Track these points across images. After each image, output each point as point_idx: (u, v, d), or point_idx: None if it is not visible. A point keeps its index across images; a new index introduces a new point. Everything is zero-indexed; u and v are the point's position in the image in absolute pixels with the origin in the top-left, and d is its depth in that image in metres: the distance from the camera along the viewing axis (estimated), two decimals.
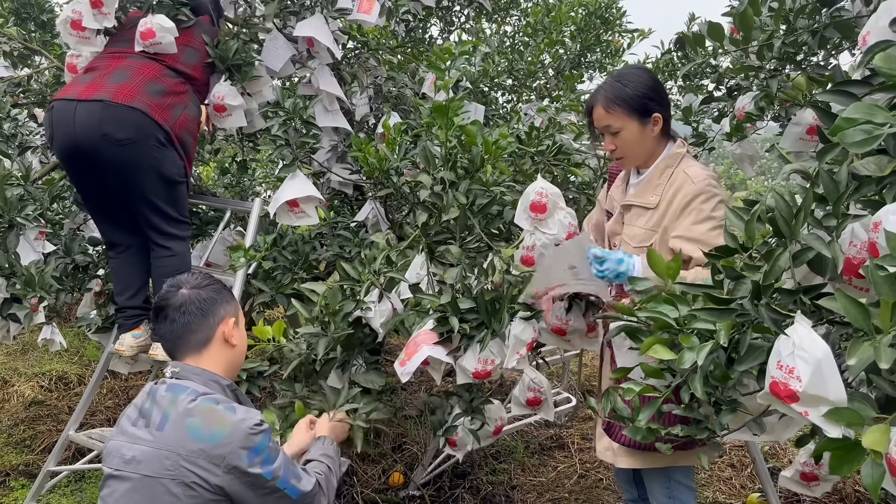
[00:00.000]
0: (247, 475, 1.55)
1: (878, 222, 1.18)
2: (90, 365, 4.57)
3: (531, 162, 2.66)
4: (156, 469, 1.53)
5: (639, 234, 1.94)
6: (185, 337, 1.69)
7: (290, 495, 1.63)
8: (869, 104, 1.12)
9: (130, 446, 1.58)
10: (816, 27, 1.65)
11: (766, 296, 1.21)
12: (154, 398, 1.63)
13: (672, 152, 1.96)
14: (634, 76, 1.92)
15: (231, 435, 1.55)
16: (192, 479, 1.52)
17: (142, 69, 2.56)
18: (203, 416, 1.57)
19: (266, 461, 1.58)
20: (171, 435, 1.55)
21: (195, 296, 1.70)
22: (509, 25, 5.29)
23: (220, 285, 1.78)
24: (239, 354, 1.79)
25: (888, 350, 1.00)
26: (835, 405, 1.17)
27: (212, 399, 1.61)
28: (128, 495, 1.55)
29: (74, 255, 3.02)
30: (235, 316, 1.77)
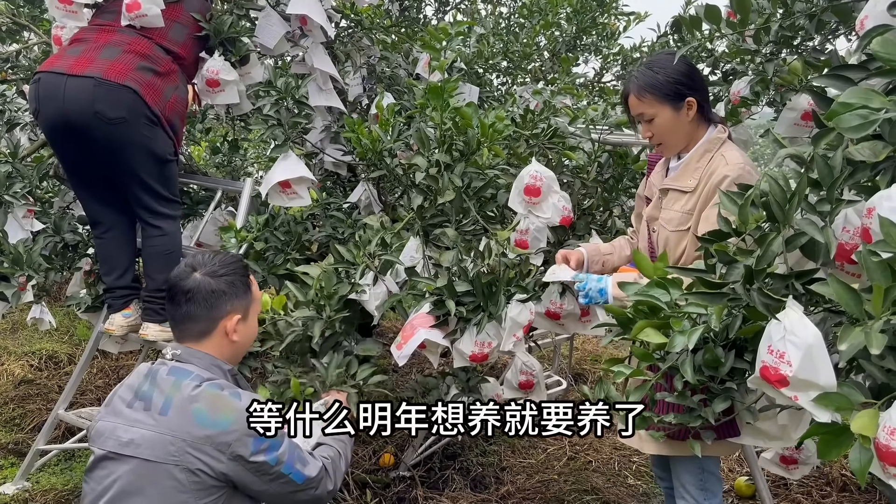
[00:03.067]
0: (251, 462, 1.54)
1: (871, 208, 1.18)
2: (80, 344, 4.55)
3: (526, 145, 2.65)
4: (159, 454, 1.50)
5: (675, 217, 1.93)
6: (186, 324, 1.67)
7: (294, 480, 1.60)
8: (865, 89, 1.11)
9: (127, 428, 1.55)
10: (814, 11, 1.64)
11: (758, 280, 1.21)
12: (154, 381, 1.59)
13: (713, 136, 1.93)
14: (665, 62, 1.90)
15: (237, 422, 1.53)
16: (197, 465, 1.50)
17: (132, 45, 2.52)
18: (209, 402, 1.54)
19: (271, 447, 1.56)
20: (175, 420, 1.52)
21: (205, 285, 1.65)
22: (504, 7, 5.25)
23: (236, 277, 1.71)
24: (241, 347, 1.75)
25: (879, 336, 1.00)
26: (824, 390, 1.17)
27: (216, 385, 1.59)
28: (127, 478, 1.51)
29: (64, 234, 2.99)
30: (244, 311, 1.71)
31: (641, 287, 1.44)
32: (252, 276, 1.79)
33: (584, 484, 3.19)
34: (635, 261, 1.55)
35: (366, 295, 2.22)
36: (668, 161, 2.07)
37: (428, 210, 2.39)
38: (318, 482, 1.65)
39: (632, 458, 3.42)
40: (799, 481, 3.04)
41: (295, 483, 1.60)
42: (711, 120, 1.96)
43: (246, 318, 1.72)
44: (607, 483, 3.21)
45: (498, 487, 3.15)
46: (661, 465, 2.25)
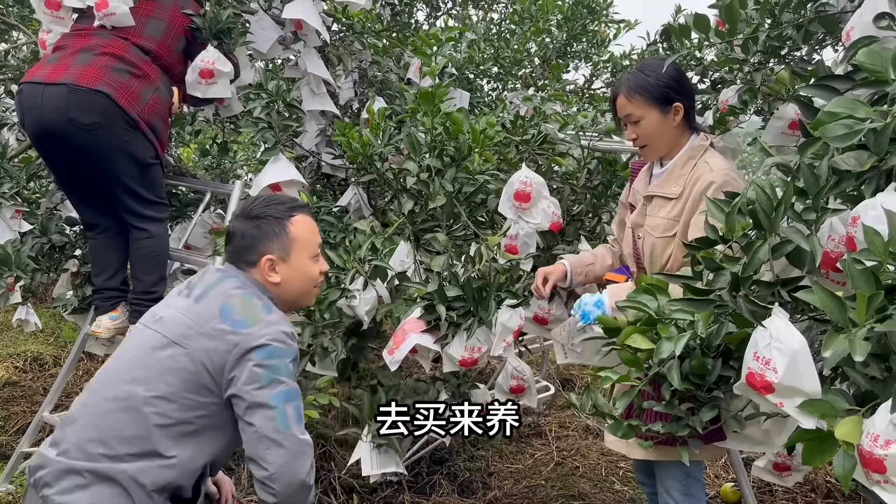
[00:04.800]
0: (248, 371, 1.51)
1: (856, 217, 1.19)
2: (66, 346, 4.51)
3: (516, 151, 2.66)
4: (174, 333, 1.55)
5: (661, 224, 1.94)
6: (232, 263, 1.72)
7: (278, 421, 1.52)
8: (851, 99, 1.12)
9: (165, 308, 1.64)
10: (801, 22, 1.66)
11: (744, 288, 1.22)
12: (203, 275, 1.68)
13: (696, 144, 1.96)
14: (656, 66, 1.92)
15: (257, 329, 1.54)
16: (201, 356, 1.52)
17: (106, 47, 2.49)
18: (241, 302, 1.58)
19: (274, 370, 1.53)
20: (203, 309, 1.57)
21: (239, 228, 1.71)
22: (496, 13, 5.27)
23: (270, 220, 1.69)
24: (288, 290, 1.72)
25: (862, 343, 1.01)
26: (809, 397, 1.19)
27: (256, 295, 1.63)
28: (137, 345, 1.58)
29: (51, 235, 2.97)
30: (281, 253, 1.69)
31: (630, 293, 1.45)
32: (301, 216, 1.74)
33: (572, 489, 3.20)
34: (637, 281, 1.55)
35: (355, 300, 2.22)
36: (651, 168, 2.09)
37: (419, 215, 2.40)
38: (298, 452, 1.54)
39: (619, 464, 3.43)
40: (783, 488, 3.06)
41: (276, 425, 1.52)
42: (695, 128, 1.99)
43: (286, 259, 1.70)
44: (594, 489, 3.22)
45: (485, 493, 3.15)
46: (644, 470, 2.26)
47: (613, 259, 2.24)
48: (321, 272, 1.79)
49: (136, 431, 1.49)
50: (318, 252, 1.78)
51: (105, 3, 2.48)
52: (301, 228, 1.73)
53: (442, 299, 2.07)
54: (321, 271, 1.79)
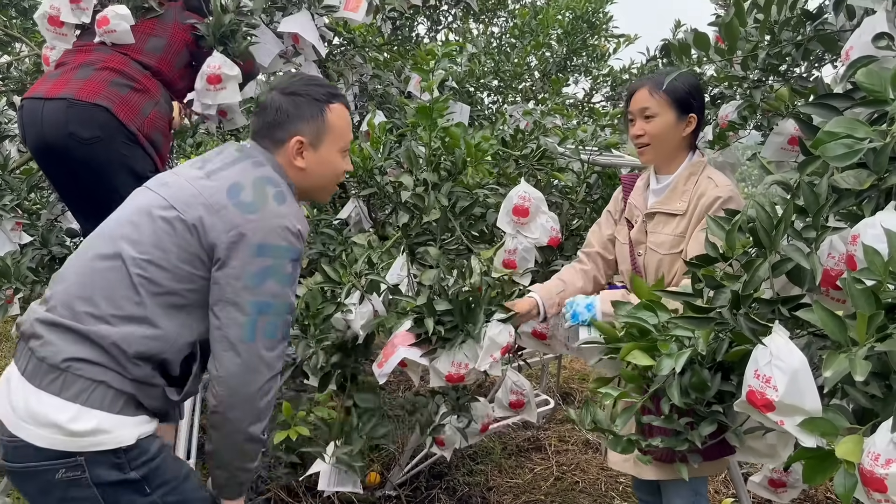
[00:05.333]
0: (239, 261, 1.42)
1: (856, 235, 1.20)
2: None
3: (515, 165, 2.66)
4: (176, 198, 1.47)
5: (667, 241, 1.94)
6: (259, 140, 1.61)
7: (244, 328, 1.42)
8: (850, 119, 1.13)
9: (172, 176, 1.55)
10: (800, 40, 1.67)
11: (744, 306, 1.22)
12: (222, 151, 1.58)
13: (695, 160, 1.98)
14: (686, 75, 1.93)
15: (262, 217, 1.44)
16: (197, 222, 1.43)
17: (106, 62, 2.51)
18: (253, 186, 1.48)
19: (265, 272, 1.43)
20: (214, 182, 1.48)
21: (273, 101, 1.59)
22: (496, 26, 5.30)
23: (308, 99, 1.59)
24: (312, 178, 1.62)
25: (863, 362, 1.01)
26: (810, 415, 1.18)
27: (272, 183, 1.51)
28: (135, 206, 1.51)
29: (51, 247, 2.98)
30: (312, 137, 1.59)
31: (630, 309, 1.45)
32: (340, 105, 1.64)
33: None
34: (634, 286, 1.55)
35: (351, 315, 2.21)
36: (647, 183, 2.08)
37: (413, 228, 2.40)
38: (254, 368, 1.43)
39: (618, 479, 3.41)
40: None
41: (241, 333, 1.42)
42: (695, 146, 2.00)
43: (316, 146, 1.60)
44: None
45: None
46: (646, 489, 2.24)
47: (585, 281, 2.18)
48: (346, 170, 1.70)
49: (123, 293, 1.42)
50: (348, 148, 1.68)
51: (106, 20, 2.51)
52: (338, 117, 1.63)
53: (431, 313, 2.05)
54: (346, 169, 1.70)
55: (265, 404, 1.47)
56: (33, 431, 1.35)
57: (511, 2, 5.04)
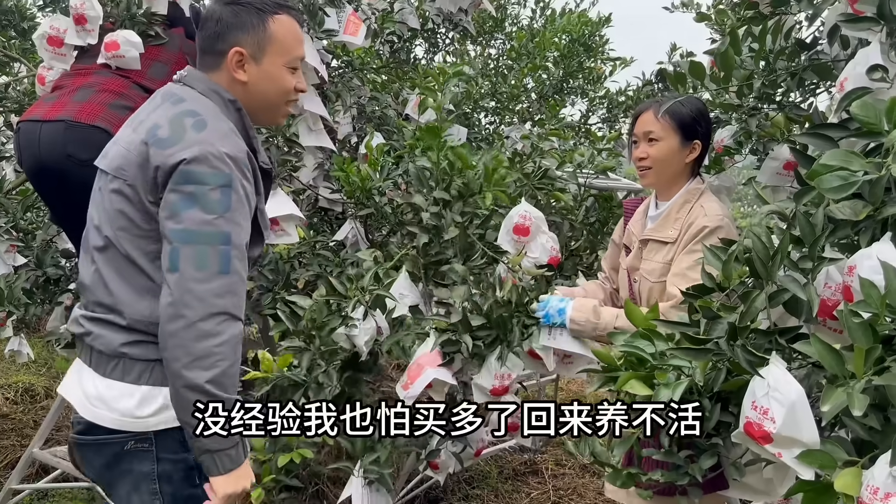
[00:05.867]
0: (165, 194, 1.36)
1: (852, 266, 1.20)
2: (58, 377, 4.47)
3: (515, 185, 2.67)
4: (112, 165, 1.45)
5: (657, 268, 1.93)
6: (200, 55, 1.54)
7: (169, 259, 1.34)
8: (845, 151, 1.13)
9: (112, 146, 1.52)
10: (795, 69, 1.68)
11: (741, 337, 1.22)
12: (150, 103, 1.53)
13: (692, 187, 1.97)
14: (693, 101, 1.93)
15: (179, 147, 1.36)
16: (135, 180, 1.40)
17: (106, 85, 2.52)
18: (169, 123, 1.41)
19: (192, 197, 1.34)
20: (137, 134, 1.44)
21: (217, 13, 1.50)
22: (493, 48, 5.34)
23: (249, 9, 1.50)
24: (255, 92, 1.53)
25: (860, 396, 1.01)
26: (808, 447, 1.18)
27: (190, 114, 1.43)
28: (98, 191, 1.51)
29: (46, 268, 2.96)
30: (254, 49, 1.50)
31: (628, 338, 1.45)
32: (287, 17, 1.54)
33: None
34: (626, 311, 1.55)
35: (356, 330, 2.20)
36: (647, 210, 2.09)
37: (433, 248, 2.39)
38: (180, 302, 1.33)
39: None
40: None
41: (167, 263, 1.35)
42: (698, 173, 2.00)
43: (258, 58, 1.50)
44: None
45: None
46: None
47: (605, 295, 2.20)
48: (296, 88, 1.58)
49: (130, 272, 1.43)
50: (298, 65, 1.57)
51: (116, 45, 2.52)
52: (283, 29, 1.53)
53: (466, 329, 2.03)
54: (297, 87, 1.57)
55: (204, 348, 1.33)
56: (106, 415, 1.43)
57: (508, 25, 5.07)
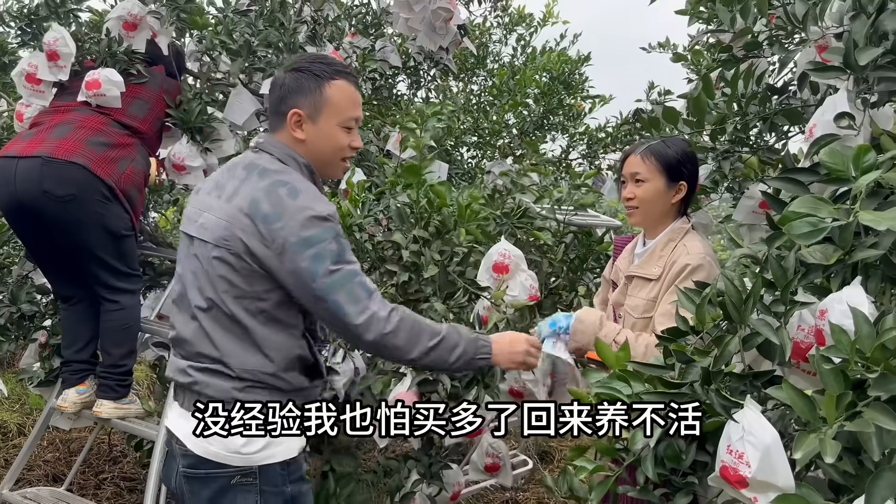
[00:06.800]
0: (293, 264, 1.51)
1: (824, 310, 1.21)
2: (32, 413, 4.38)
3: (495, 224, 2.68)
4: (215, 236, 1.56)
5: (640, 304, 1.96)
6: (270, 114, 1.71)
7: (334, 312, 1.54)
8: (813, 198, 1.15)
9: (201, 213, 1.63)
10: (767, 114, 1.71)
11: (715, 381, 1.22)
12: (233, 173, 1.65)
13: (676, 226, 2.01)
14: (679, 143, 1.97)
15: (286, 220, 1.52)
16: (243, 251, 1.53)
17: (84, 122, 2.52)
18: (267, 194, 1.55)
19: (318, 257, 1.51)
20: (235, 206, 1.56)
21: (282, 80, 1.67)
22: (475, 84, 5.41)
23: (308, 75, 1.65)
24: (313, 149, 1.67)
25: (832, 443, 1.01)
26: (783, 491, 1.17)
27: (280, 182, 1.58)
28: (196, 257, 1.60)
29: (21, 304, 2.92)
30: (311, 110, 1.64)
31: (604, 379, 1.45)
32: (343, 82, 1.68)
33: None
34: (597, 350, 1.55)
35: (338, 376, 2.19)
36: (635, 247, 2.11)
37: (412, 285, 2.39)
38: (365, 329, 1.56)
39: None
40: None
41: (336, 315, 1.54)
42: (685, 213, 2.04)
43: (315, 119, 1.65)
44: None
45: None
46: None
47: None
48: (352, 146, 1.72)
49: (234, 332, 1.56)
50: (353, 125, 1.71)
51: (97, 83, 2.53)
52: (339, 92, 1.67)
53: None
54: (352, 145, 1.72)
55: (396, 338, 1.58)
56: (215, 451, 1.53)
57: (489, 62, 5.14)
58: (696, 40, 2.85)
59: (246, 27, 2.88)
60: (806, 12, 1.50)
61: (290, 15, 2.95)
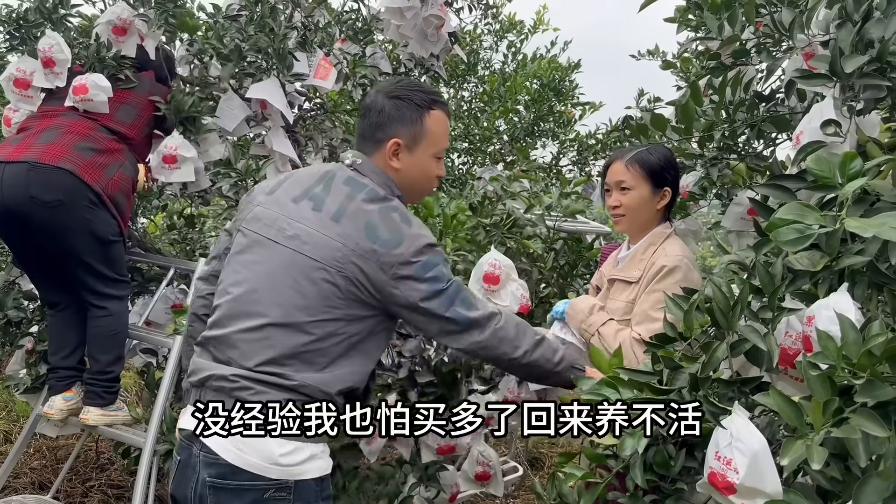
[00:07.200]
0: (412, 288, 1.53)
1: (811, 316, 1.21)
2: (18, 420, 4.34)
3: (484, 233, 2.68)
4: (324, 256, 1.52)
5: (621, 307, 1.99)
6: (361, 140, 1.69)
7: (457, 321, 1.57)
8: (800, 205, 1.16)
9: (292, 223, 1.57)
10: (755, 121, 1.73)
11: (703, 388, 1.22)
12: (329, 186, 1.60)
13: (657, 231, 2.04)
14: (662, 150, 2.00)
15: (405, 246, 1.52)
16: (357, 275, 1.51)
17: (72, 127, 2.51)
18: (382, 219, 1.55)
19: (436, 279, 1.54)
20: (347, 228, 1.53)
21: (380, 104, 1.65)
22: (466, 91, 5.42)
23: (409, 103, 1.65)
24: (407, 180, 1.68)
25: (819, 449, 1.01)
26: (771, 497, 1.17)
27: (391, 207, 1.58)
28: (283, 269, 1.54)
29: (7, 310, 2.89)
30: (409, 140, 1.65)
31: (594, 385, 1.45)
32: (440, 112, 1.69)
33: None
34: (591, 356, 1.56)
35: None
36: (619, 252, 2.14)
37: None
38: (477, 330, 1.60)
39: None
40: None
41: (456, 323, 1.57)
42: (668, 218, 2.08)
43: (412, 149, 1.66)
44: None
45: None
46: None
47: None
48: (439, 176, 1.74)
49: (311, 350, 1.52)
50: (443, 154, 1.74)
51: (84, 88, 2.52)
52: (437, 123, 1.68)
53: (412, 385, 2.03)
54: (439, 175, 1.74)
55: (506, 332, 1.63)
56: (253, 461, 1.47)
57: (480, 69, 5.16)
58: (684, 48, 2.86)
59: (236, 32, 2.87)
60: (792, 20, 1.51)
61: (280, 20, 2.95)
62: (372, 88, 1.74)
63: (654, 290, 1.90)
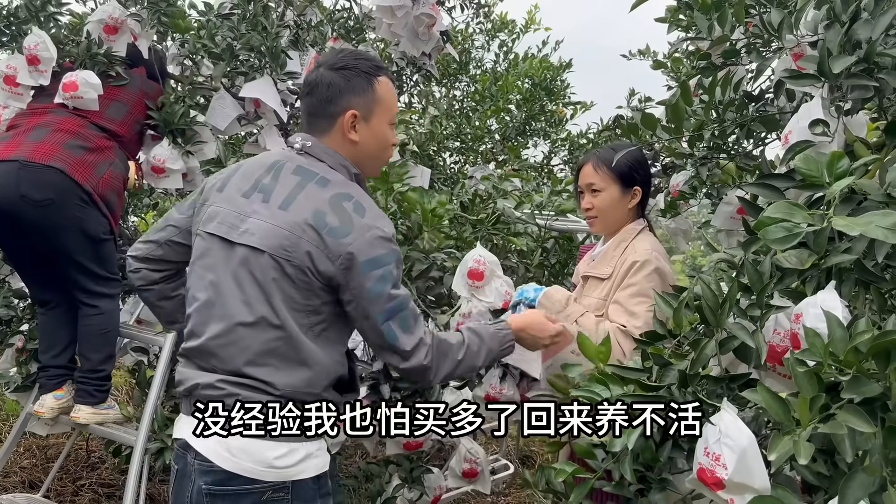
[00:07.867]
0: (356, 281, 1.48)
1: (799, 314, 1.23)
2: (9, 419, 4.32)
3: (471, 229, 2.69)
4: (271, 245, 1.48)
5: (594, 303, 2.02)
6: (310, 118, 1.62)
7: (385, 336, 1.54)
8: (788, 204, 1.17)
9: (244, 218, 1.53)
10: (744, 121, 1.74)
11: (692, 384, 1.24)
12: (278, 176, 1.56)
13: (629, 227, 2.07)
14: (630, 150, 2.01)
15: (354, 236, 1.48)
16: (307, 263, 1.47)
17: (62, 124, 2.50)
18: (332, 207, 1.50)
19: (382, 279, 1.50)
20: (295, 216, 1.49)
21: (328, 78, 1.58)
22: (458, 90, 5.43)
23: (357, 73, 1.59)
24: (365, 152, 1.63)
25: (806, 445, 1.03)
26: (759, 493, 1.19)
27: (344, 195, 1.53)
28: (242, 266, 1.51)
29: None
30: (364, 110, 1.59)
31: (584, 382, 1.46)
32: (386, 78, 1.64)
33: None
34: (579, 343, 1.57)
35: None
36: (594, 250, 2.17)
37: None
38: (411, 355, 1.57)
39: None
40: None
41: (383, 341, 1.55)
42: (643, 215, 2.10)
43: (367, 119, 1.60)
44: None
45: None
46: None
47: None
48: (394, 143, 1.70)
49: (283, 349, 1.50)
50: (395, 120, 1.68)
51: (74, 85, 2.51)
52: (386, 90, 1.63)
53: (387, 379, 2.04)
54: (394, 143, 1.70)
55: (433, 363, 1.60)
56: (248, 466, 1.47)
57: (472, 68, 5.16)
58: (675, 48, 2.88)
59: (228, 31, 2.86)
60: (781, 21, 1.53)
61: (272, 19, 2.95)
62: (312, 69, 1.66)
63: (629, 285, 1.94)
